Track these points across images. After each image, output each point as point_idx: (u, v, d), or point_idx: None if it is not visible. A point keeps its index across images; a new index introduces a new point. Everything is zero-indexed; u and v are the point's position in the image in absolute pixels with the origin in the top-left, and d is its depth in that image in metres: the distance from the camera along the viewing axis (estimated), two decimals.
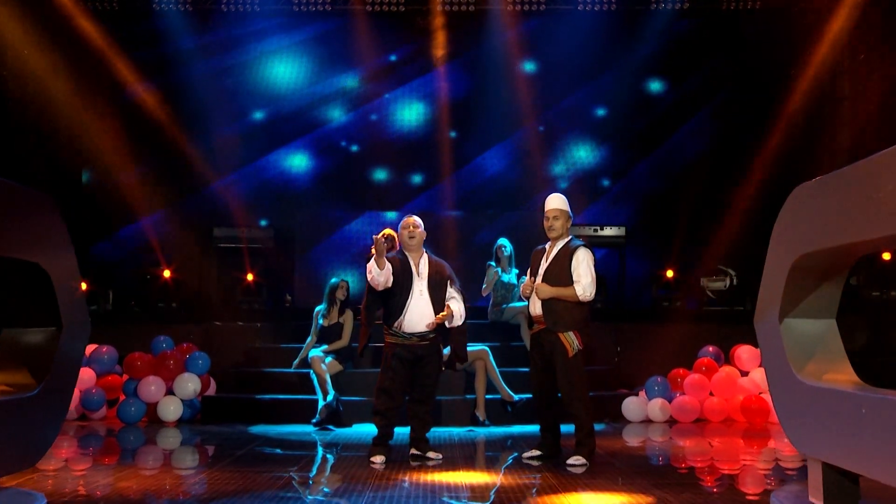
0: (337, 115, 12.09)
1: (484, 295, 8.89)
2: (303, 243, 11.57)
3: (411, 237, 5.98)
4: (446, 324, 5.96)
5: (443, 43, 11.75)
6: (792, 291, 3.36)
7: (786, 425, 3.59)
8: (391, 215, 11.46)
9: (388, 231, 9.05)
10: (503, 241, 8.92)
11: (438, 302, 5.96)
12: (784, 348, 3.37)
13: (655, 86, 12.06)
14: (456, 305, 6.00)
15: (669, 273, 10.76)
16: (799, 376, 3.27)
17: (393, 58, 12.09)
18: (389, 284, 5.86)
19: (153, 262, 11.03)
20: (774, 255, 3.67)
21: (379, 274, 5.77)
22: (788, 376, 3.35)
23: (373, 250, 5.77)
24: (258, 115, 12.03)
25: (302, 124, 11.99)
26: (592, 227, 10.97)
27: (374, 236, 5.78)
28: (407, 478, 5.32)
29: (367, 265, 5.86)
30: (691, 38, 11.78)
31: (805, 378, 3.26)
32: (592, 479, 5.25)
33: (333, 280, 8.42)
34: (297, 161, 12.03)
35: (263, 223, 11.66)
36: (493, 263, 8.85)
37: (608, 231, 11.07)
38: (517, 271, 8.90)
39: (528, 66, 12.00)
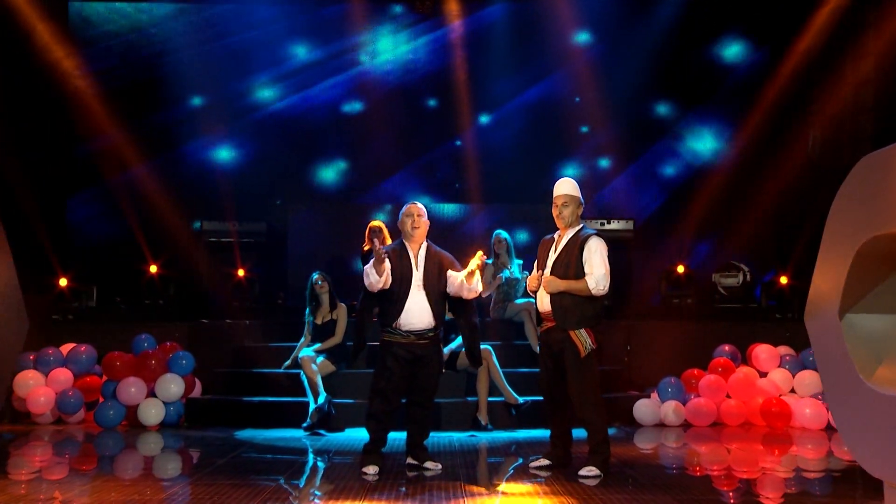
0: (332, 102, 11.56)
1: (484, 296, 8.42)
2: (297, 238, 11.05)
3: (415, 227, 5.48)
4: (464, 292, 5.42)
5: (446, 20, 11.26)
6: (856, 282, 2.86)
7: (851, 443, 3.08)
8: (380, 217, 10.97)
9: (375, 223, 8.63)
10: (500, 232, 8.50)
11: (437, 296, 5.47)
12: (847, 349, 2.86)
13: (668, 69, 11.46)
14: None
15: (680, 269, 10.26)
16: (868, 383, 2.77)
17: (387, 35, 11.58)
18: (387, 286, 5.38)
19: (140, 257, 10.56)
20: (833, 240, 3.16)
21: (378, 281, 5.31)
22: (854, 383, 2.85)
23: (376, 245, 5.28)
24: (247, 102, 11.48)
25: (292, 113, 11.46)
26: (599, 221, 10.48)
27: (375, 247, 5.30)
28: (403, 490, 4.91)
29: (365, 268, 5.38)
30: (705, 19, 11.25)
31: (877, 385, 2.75)
32: (607, 493, 4.79)
33: (312, 276, 7.92)
34: (289, 151, 11.49)
35: (255, 217, 11.15)
36: (489, 261, 8.39)
37: (615, 225, 10.60)
38: (521, 262, 8.45)
39: (527, 45, 11.43)
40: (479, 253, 5.41)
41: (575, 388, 5.19)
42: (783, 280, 9.73)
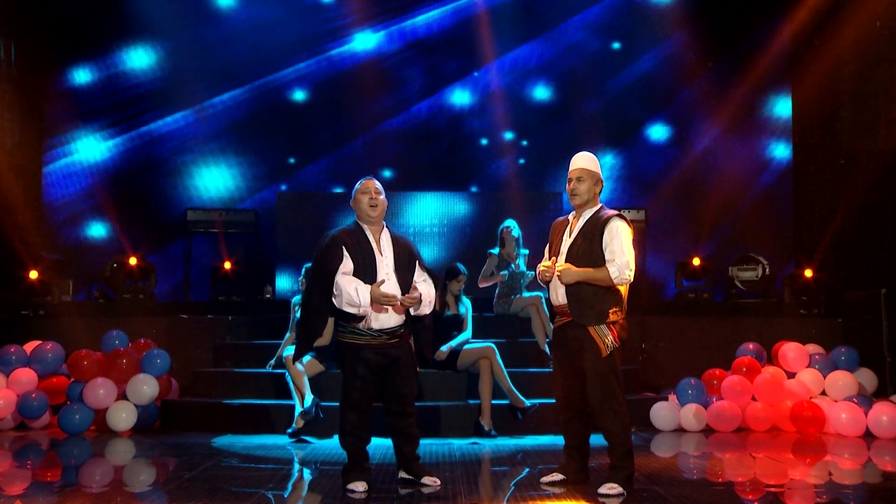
0: (325, 81, 10.92)
1: (481, 286, 7.88)
2: (287, 228, 10.38)
3: (373, 205, 4.77)
4: (411, 310, 4.79)
5: None
6: None
7: None
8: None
9: None
10: (509, 222, 8.01)
11: (408, 287, 4.78)
12: None
13: (689, 43, 10.82)
14: (426, 289, 4.81)
15: (696, 261, 9.66)
16: None
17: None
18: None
19: (119, 248, 10.01)
20: None
21: (362, 312, 4.59)
22: None
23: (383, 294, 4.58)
24: (234, 79, 10.82)
25: (283, 90, 10.83)
26: None
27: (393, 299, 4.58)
28: None
29: (349, 285, 4.55)
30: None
31: None
32: None
33: (306, 265, 7.31)
34: (278, 133, 10.85)
35: (244, 206, 10.52)
36: (494, 251, 7.89)
37: (626, 215, 9.96)
38: (527, 252, 7.90)
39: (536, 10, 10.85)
40: (410, 295, 4.70)
41: (594, 392, 4.51)
42: (808, 273, 9.09)
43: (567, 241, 4.69)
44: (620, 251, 4.52)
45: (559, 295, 4.62)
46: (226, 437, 6.73)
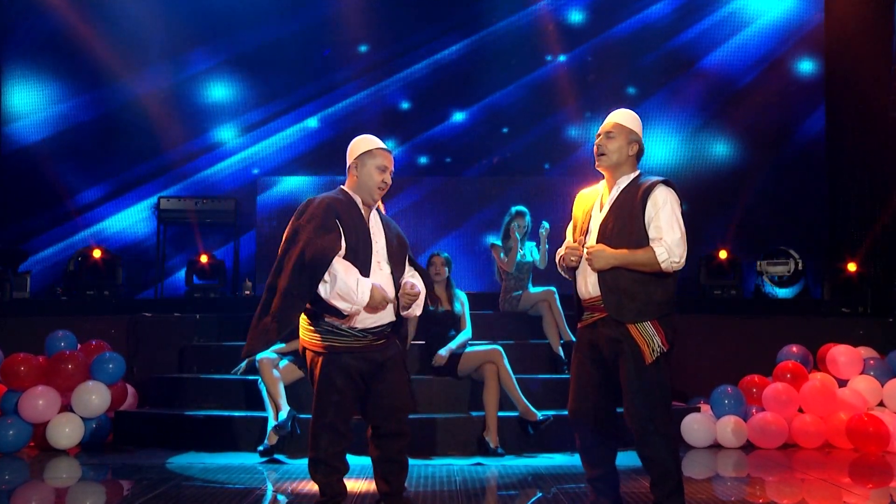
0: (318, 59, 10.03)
1: (508, 271, 6.98)
2: (270, 217, 9.43)
3: (383, 188, 3.81)
4: (401, 310, 3.83)
5: None
6: None
7: None
8: None
9: None
10: (520, 207, 7.15)
11: (397, 283, 3.82)
12: None
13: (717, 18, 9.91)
14: (420, 284, 3.86)
15: (722, 254, 8.72)
16: None
17: None
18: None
19: (83, 240, 9.21)
20: None
21: (357, 311, 3.64)
22: None
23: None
24: (221, 60, 9.86)
25: (271, 68, 9.86)
26: None
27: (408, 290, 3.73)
28: None
29: (343, 274, 3.57)
30: None
31: None
32: None
33: None
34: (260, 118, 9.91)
35: (223, 193, 9.59)
36: (498, 242, 7.07)
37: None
38: (533, 244, 7.04)
39: None
40: (412, 293, 3.77)
41: (636, 410, 3.49)
42: (851, 267, 8.14)
43: (598, 217, 3.68)
44: (669, 227, 3.52)
45: (589, 284, 3.62)
46: (184, 456, 5.75)
